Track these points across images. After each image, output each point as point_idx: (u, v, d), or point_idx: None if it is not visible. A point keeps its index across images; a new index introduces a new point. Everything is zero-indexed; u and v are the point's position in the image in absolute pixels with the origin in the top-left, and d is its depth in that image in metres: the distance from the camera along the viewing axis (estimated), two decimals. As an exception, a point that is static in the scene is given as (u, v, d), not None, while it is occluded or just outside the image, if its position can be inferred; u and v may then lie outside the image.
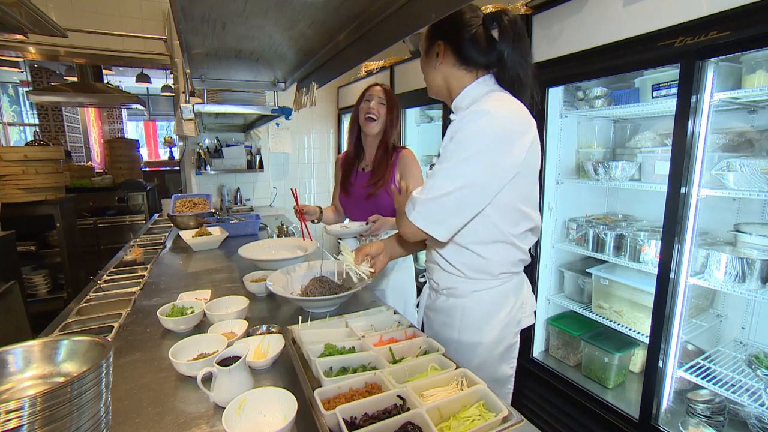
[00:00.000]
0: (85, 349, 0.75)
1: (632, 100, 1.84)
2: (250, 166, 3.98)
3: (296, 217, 1.84)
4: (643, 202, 2.17)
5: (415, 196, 1.07)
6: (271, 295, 1.53)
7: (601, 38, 1.61)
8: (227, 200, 3.97)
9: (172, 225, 2.93)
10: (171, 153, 7.35)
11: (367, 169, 1.88)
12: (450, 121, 1.18)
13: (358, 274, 1.23)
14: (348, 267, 1.25)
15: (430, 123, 3.28)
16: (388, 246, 1.29)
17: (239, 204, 3.95)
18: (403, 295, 1.91)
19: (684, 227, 1.48)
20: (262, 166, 4.02)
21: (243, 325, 1.20)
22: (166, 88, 6.04)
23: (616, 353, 1.89)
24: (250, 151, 3.98)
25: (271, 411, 0.81)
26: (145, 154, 8.15)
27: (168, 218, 2.89)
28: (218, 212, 3.34)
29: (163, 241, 2.55)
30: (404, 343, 1.01)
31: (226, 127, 3.84)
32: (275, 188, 4.17)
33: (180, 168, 4.50)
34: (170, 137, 7.27)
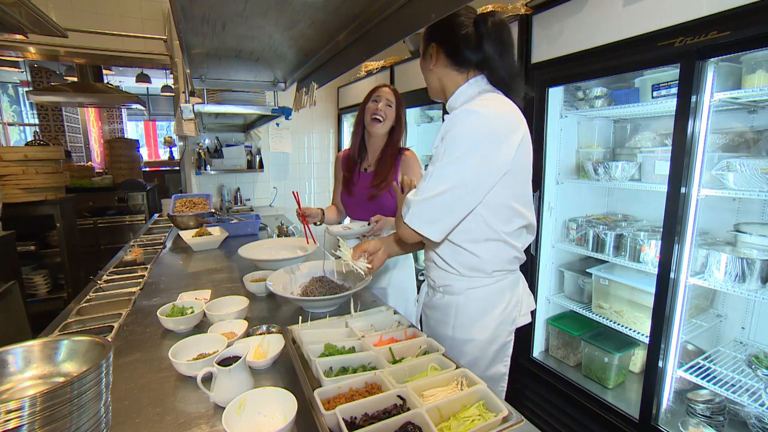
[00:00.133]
0: (85, 349, 0.75)
1: (632, 100, 1.84)
2: (250, 166, 3.98)
3: (299, 220, 1.84)
4: (643, 202, 2.17)
5: (409, 198, 1.08)
6: (271, 295, 1.53)
7: (601, 38, 1.61)
8: (227, 200, 3.97)
9: (172, 225, 2.93)
10: (171, 153, 7.35)
11: (369, 170, 1.88)
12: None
13: (356, 270, 1.23)
14: (345, 262, 1.25)
15: (430, 123, 3.28)
16: (387, 244, 1.30)
17: (239, 204, 3.95)
18: (404, 294, 1.92)
19: (684, 227, 1.48)
20: (262, 166, 4.02)
21: (243, 325, 1.20)
22: (166, 88, 6.04)
23: (616, 353, 1.89)
24: (250, 151, 3.98)
25: (271, 411, 0.81)
26: (145, 154, 8.15)
27: (168, 218, 2.90)
28: (218, 212, 3.34)
29: (163, 241, 2.55)
30: (404, 343, 1.01)
31: (226, 127, 3.84)
32: (275, 188, 4.17)
33: (180, 168, 4.50)
34: (170, 137, 7.28)
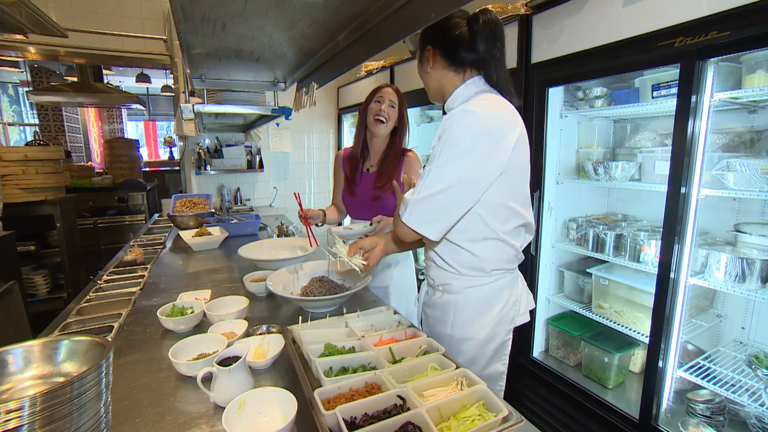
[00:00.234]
0: (85, 349, 0.75)
1: (632, 100, 1.84)
2: (250, 166, 3.97)
3: (301, 222, 1.83)
4: (643, 202, 2.17)
5: (407, 197, 1.08)
6: (271, 295, 1.53)
7: (601, 38, 1.61)
8: (227, 200, 3.97)
9: (172, 225, 2.93)
10: (171, 153, 7.35)
11: (372, 170, 1.87)
12: None
13: (351, 266, 1.23)
14: (340, 258, 1.25)
15: (430, 123, 3.28)
16: (383, 241, 1.29)
17: (239, 204, 3.95)
18: (405, 293, 1.92)
19: (684, 227, 1.48)
20: (262, 166, 4.02)
21: (243, 325, 1.20)
22: (166, 88, 6.04)
23: (616, 353, 1.89)
24: (250, 151, 3.98)
25: (271, 411, 0.81)
26: (145, 154, 8.15)
27: (168, 218, 2.90)
28: (218, 212, 3.33)
29: (163, 241, 2.55)
30: (404, 343, 1.01)
31: (226, 127, 3.84)
32: (275, 188, 4.17)
33: (180, 168, 4.50)
34: (170, 137, 7.28)
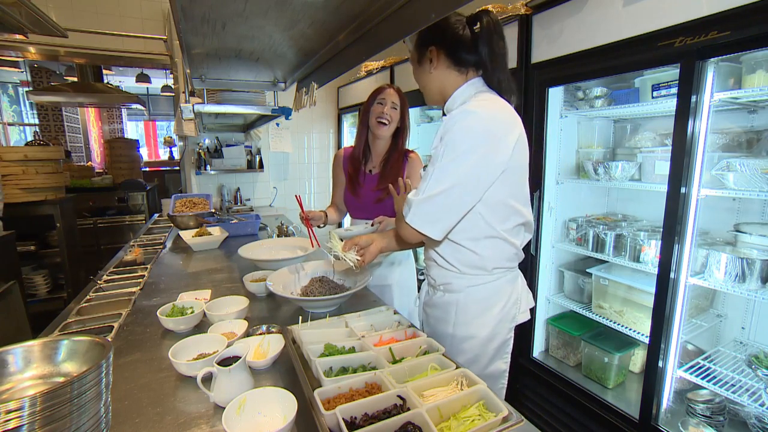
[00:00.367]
0: (85, 349, 0.75)
1: (632, 100, 1.84)
2: (250, 166, 3.97)
3: (302, 224, 1.82)
4: (643, 202, 2.17)
5: (410, 198, 1.09)
6: (271, 295, 1.53)
7: (601, 38, 1.61)
8: (227, 200, 3.97)
9: (172, 225, 2.93)
10: (171, 153, 7.35)
11: (374, 171, 1.86)
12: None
13: (345, 261, 1.23)
14: (335, 253, 1.25)
15: (430, 123, 3.28)
16: (379, 239, 1.28)
17: (239, 204, 3.95)
18: (406, 292, 1.92)
19: (684, 227, 1.48)
20: (262, 166, 4.02)
21: (243, 325, 1.20)
22: (166, 88, 6.04)
23: (616, 353, 1.89)
24: (250, 151, 3.98)
25: (271, 411, 0.81)
26: (145, 154, 8.15)
27: (168, 218, 2.90)
28: (218, 212, 3.33)
29: (163, 241, 2.55)
30: (404, 343, 1.01)
31: (226, 127, 3.84)
32: (275, 188, 4.17)
33: (180, 168, 4.50)
34: (170, 137, 7.27)
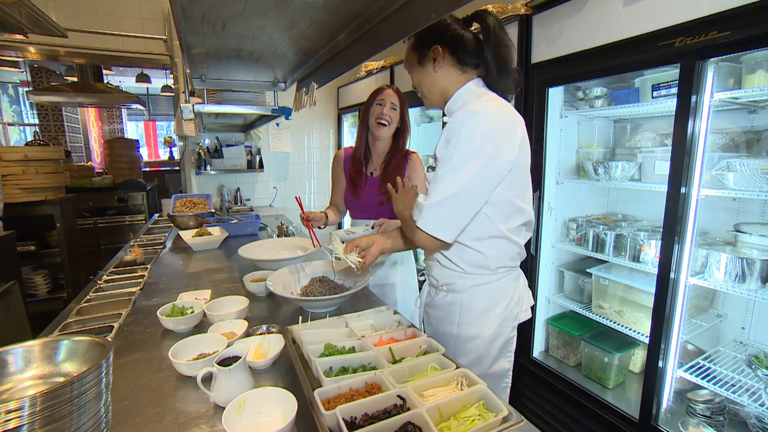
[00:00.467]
0: (85, 349, 0.75)
1: (632, 100, 1.84)
2: (250, 166, 3.97)
3: (303, 225, 1.82)
4: (643, 202, 2.17)
5: (420, 202, 1.08)
6: (271, 295, 1.53)
7: (601, 38, 1.61)
8: (227, 200, 3.97)
9: (172, 225, 2.93)
10: (171, 153, 7.35)
11: (375, 173, 1.86)
12: (445, 123, 1.19)
13: (347, 263, 1.23)
14: (336, 255, 1.26)
15: (430, 123, 3.28)
16: (380, 240, 1.28)
17: (239, 204, 3.95)
18: (408, 292, 1.92)
19: (684, 227, 1.48)
20: (262, 166, 4.02)
21: (243, 325, 1.20)
22: (166, 88, 6.04)
23: (616, 353, 1.89)
24: (250, 151, 3.98)
25: (271, 411, 0.81)
26: (145, 154, 8.15)
27: (168, 218, 2.89)
28: (218, 212, 3.33)
29: (163, 241, 2.55)
30: (404, 343, 1.01)
31: (226, 127, 3.84)
32: (275, 188, 4.17)
33: (180, 168, 4.50)
34: (170, 137, 7.27)
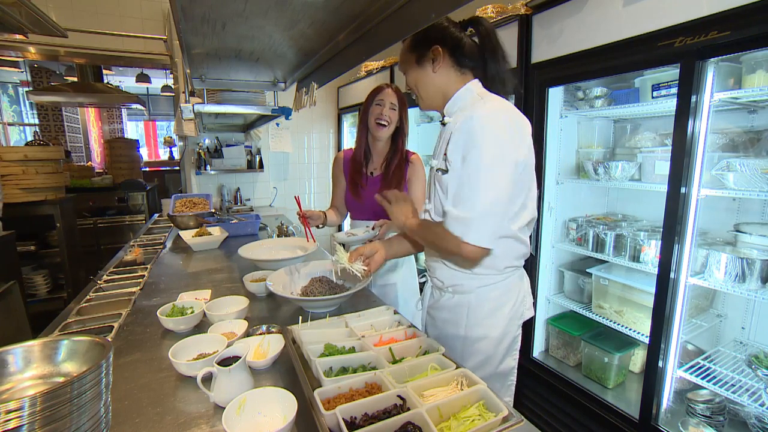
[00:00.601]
0: (85, 349, 0.75)
1: (632, 100, 1.84)
2: (250, 166, 3.97)
3: (300, 222, 1.83)
4: (643, 202, 2.17)
5: (462, 215, 1.00)
6: (271, 295, 1.53)
7: (601, 38, 1.61)
8: (227, 200, 3.97)
9: (172, 225, 2.93)
10: (171, 153, 7.35)
11: (376, 173, 1.86)
12: (443, 124, 1.18)
13: (352, 272, 1.25)
14: (341, 265, 1.27)
15: (430, 123, 3.28)
16: (383, 248, 1.31)
17: (239, 204, 3.95)
18: (410, 291, 1.92)
19: (684, 227, 1.48)
20: (262, 166, 4.02)
21: (243, 325, 1.20)
22: (166, 88, 6.04)
23: (616, 353, 1.89)
24: (250, 151, 3.98)
25: (271, 411, 0.81)
26: (145, 154, 8.14)
27: (168, 218, 2.89)
28: (218, 212, 3.33)
29: (163, 241, 2.55)
30: (404, 343, 1.01)
31: (226, 127, 3.84)
32: (275, 188, 4.17)
33: (180, 168, 4.50)
34: (170, 137, 7.27)
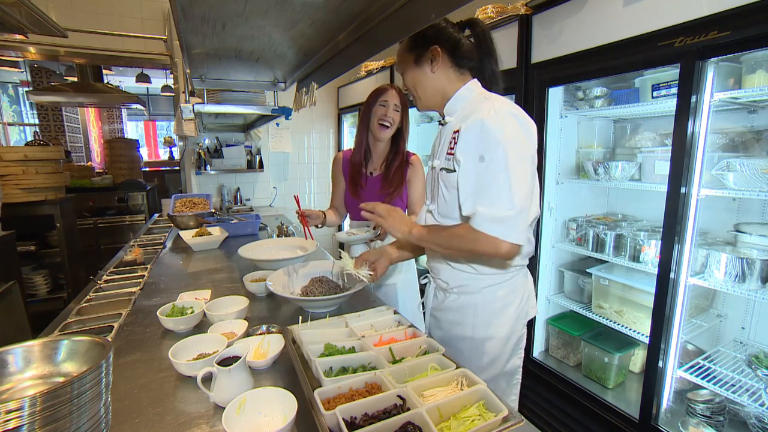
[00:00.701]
0: (85, 349, 0.75)
1: (632, 100, 1.84)
2: (250, 166, 3.98)
3: (299, 222, 1.83)
4: (643, 202, 2.17)
5: (499, 215, 0.98)
6: (271, 295, 1.53)
7: (601, 38, 1.61)
8: (227, 200, 3.97)
9: (172, 225, 2.93)
10: (171, 153, 7.35)
11: (375, 173, 1.86)
12: (443, 124, 1.18)
13: (359, 278, 1.28)
14: (348, 271, 1.31)
15: (430, 123, 3.28)
16: (388, 252, 1.33)
17: (239, 204, 3.95)
18: (410, 291, 1.92)
19: (684, 227, 1.48)
20: (262, 166, 4.02)
21: (243, 325, 1.20)
22: (166, 88, 6.04)
23: (616, 353, 1.89)
24: (250, 151, 3.98)
25: (271, 411, 0.81)
26: (145, 154, 8.15)
27: (168, 218, 2.89)
28: (218, 212, 3.34)
29: (163, 241, 2.55)
30: (404, 343, 1.01)
31: (226, 127, 3.84)
32: (275, 188, 4.17)
33: (180, 168, 4.50)
34: (170, 137, 7.28)
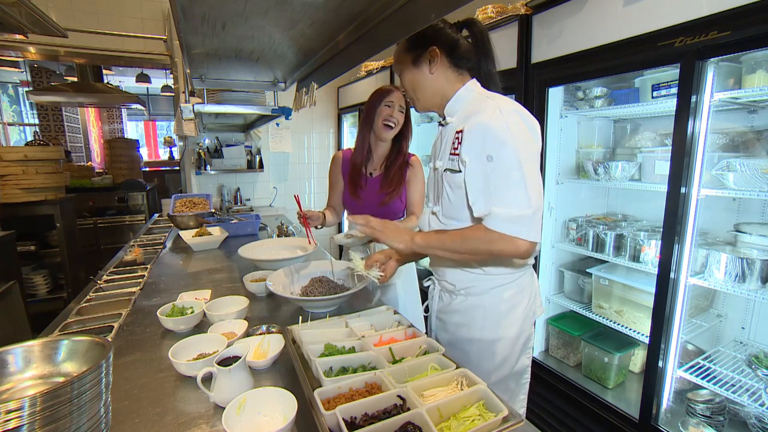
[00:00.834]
0: (85, 349, 0.75)
1: (632, 100, 1.84)
2: (250, 166, 3.98)
3: (300, 223, 1.83)
4: (643, 202, 2.17)
5: (517, 214, 0.97)
6: (271, 295, 1.53)
7: (601, 38, 1.61)
8: (227, 200, 3.97)
9: (172, 225, 2.93)
10: (171, 153, 7.35)
11: (375, 174, 1.86)
12: (443, 125, 1.18)
13: (370, 279, 1.29)
14: (359, 272, 1.31)
15: (430, 123, 3.28)
16: (396, 253, 1.33)
17: (239, 204, 3.95)
18: (410, 292, 1.92)
19: (684, 227, 1.48)
20: (262, 166, 4.02)
21: (243, 325, 1.20)
22: (166, 88, 6.04)
23: (616, 353, 1.89)
24: (250, 151, 3.98)
25: (271, 411, 0.81)
26: (145, 154, 8.15)
27: (168, 218, 2.90)
28: (218, 212, 3.34)
29: (163, 241, 2.55)
30: (404, 343, 1.01)
31: (226, 127, 3.85)
32: (275, 188, 4.17)
33: (180, 168, 4.50)
34: (170, 137, 7.28)
